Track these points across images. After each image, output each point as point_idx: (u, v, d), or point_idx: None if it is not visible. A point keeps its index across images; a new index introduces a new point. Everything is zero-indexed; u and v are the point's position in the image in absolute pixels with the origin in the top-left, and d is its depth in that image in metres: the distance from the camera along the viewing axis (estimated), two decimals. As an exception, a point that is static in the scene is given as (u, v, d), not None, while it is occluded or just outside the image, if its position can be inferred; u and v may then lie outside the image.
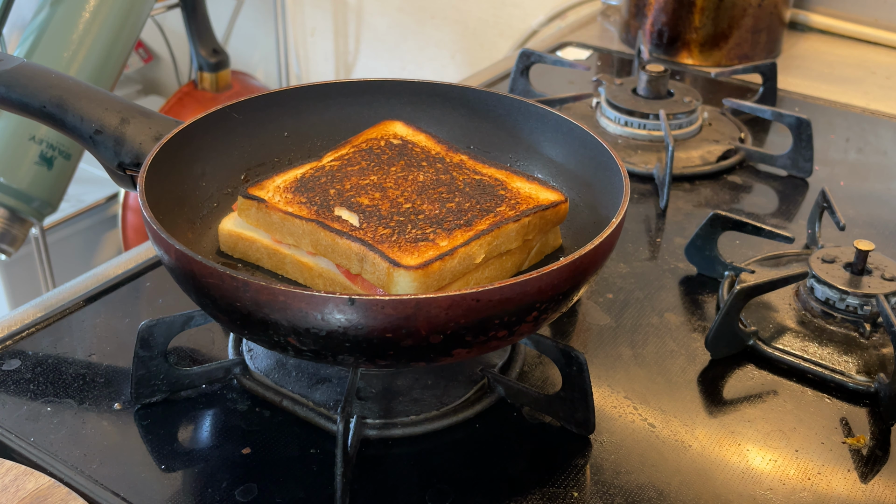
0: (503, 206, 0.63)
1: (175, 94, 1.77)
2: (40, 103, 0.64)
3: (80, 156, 1.23)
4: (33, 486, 0.56)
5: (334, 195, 0.63)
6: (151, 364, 0.61)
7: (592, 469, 0.58)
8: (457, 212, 0.62)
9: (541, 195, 0.65)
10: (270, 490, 0.56)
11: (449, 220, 0.61)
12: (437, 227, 0.60)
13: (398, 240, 0.59)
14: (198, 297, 0.55)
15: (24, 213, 1.21)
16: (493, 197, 0.64)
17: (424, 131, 0.72)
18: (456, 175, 0.66)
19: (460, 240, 0.59)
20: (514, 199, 0.64)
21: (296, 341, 0.52)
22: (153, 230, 0.54)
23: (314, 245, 0.61)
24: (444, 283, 0.58)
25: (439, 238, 0.59)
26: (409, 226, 0.60)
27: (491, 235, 0.60)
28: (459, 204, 0.63)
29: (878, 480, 0.59)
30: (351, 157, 0.68)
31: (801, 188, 0.93)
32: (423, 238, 0.59)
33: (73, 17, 1.17)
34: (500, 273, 0.63)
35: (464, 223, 0.61)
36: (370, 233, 0.60)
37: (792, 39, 1.33)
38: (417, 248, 0.58)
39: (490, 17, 1.68)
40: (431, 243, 0.59)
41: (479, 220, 0.62)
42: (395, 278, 0.57)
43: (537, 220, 0.63)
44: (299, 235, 0.62)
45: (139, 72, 2.12)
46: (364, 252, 0.58)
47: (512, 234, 0.62)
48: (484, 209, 0.63)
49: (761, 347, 0.68)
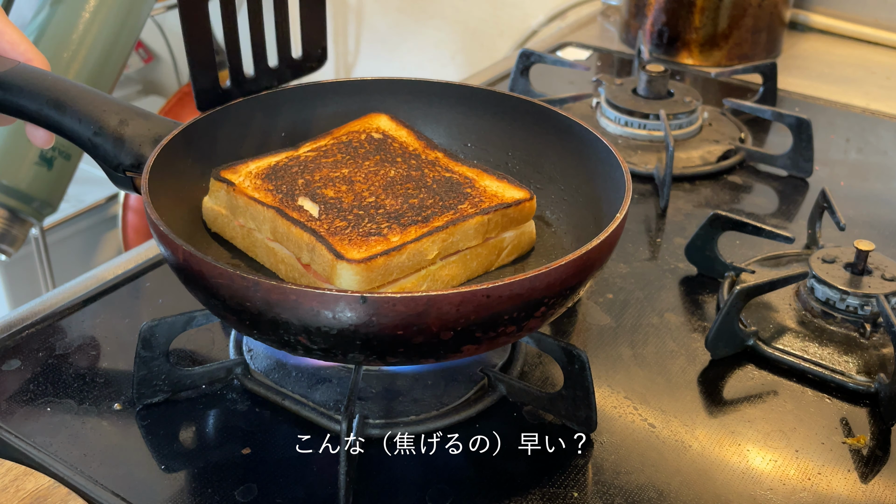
0: (465, 203, 0.64)
1: (175, 94, 1.77)
2: (38, 106, 0.64)
3: (80, 156, 1.23)
4: (33, 487, 0.56)
5: (301, 185, 0.65)
6: (153, 364, 0.61)
7: (592, 469, 0.58)
8: (418, 208, 0.63)
9: (506, 193, 0.65)
10: (270, 490, 0.56)
11: (407, 216, 0.62)
12: (394, 223, 0.61)
13: (350, 233, 0.60)
14: (206, 298, 0.55)
15: (24, 214, 1.21)
16: (458, 195, 0.65)
17: (408, 127, 0.72)
18: (427, 172, 0.67)
19: (412, 235, 0.60)
20: (479, 196, 0.65)
21: (306, 340, 0.52)
22: (160, 231, 0.54)
23: (272, 232, 0.62)
24: (390, 279, 0.59)
25: (392, 233, 0.60)
26: (367, 220, 0.61)
27: (446, 232, 0.61)
28: (423, 200, 0.64)
29: (878, 480, 0.59)
30: (328, 148, 0.70)
31: (802, 188, 0.93)
32: (375, 232, 0.60)
33: (73, 18, 1.17)
34: (465, 272, 0.63)
35: (421, 219, 0.62)
36: (326, 224, 0.61)
37: (792, 39, 1.33)
38: (367, 242, 0.59)
39: (490, 17, 1.68)
40: (383, 238, 0.60)
41: (437, 216, 0.62)
42: (338, 270, 0.57)
43: (499, 218, 0.64)
44: (260, 221, 0.63)
45: (139, 72, 2.12)
46: (314, 243, 0.59)
47: (470, 231, 0.62)
48: (445, 206, 0.63)
49: (761, 347, 0.68)
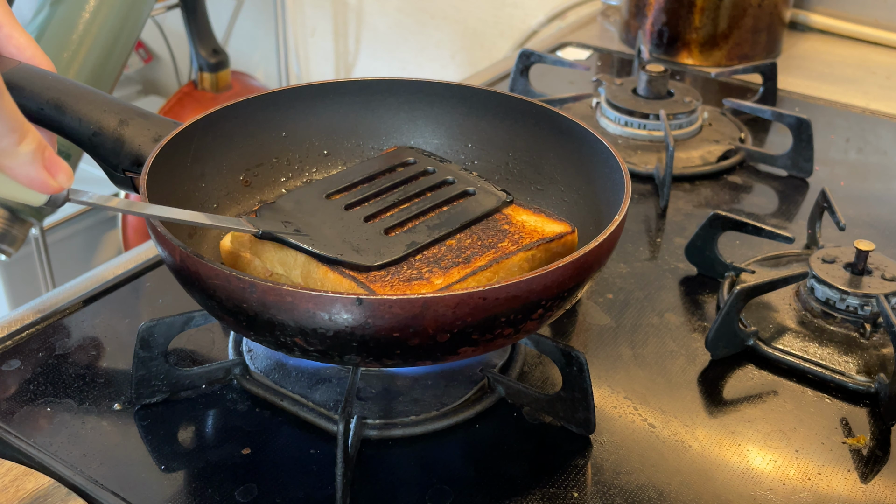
0: (506, 240, 0.62)
1: (175, 94, 1.77)
2: (38, 106, 0.64)
3: (80, 156, 1.23)
4: (33, 487, 0.56)
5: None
6: (152, 364, 0.61)
7: (592, 469, 0.58)
8: (456, 249, 0.61)
9: (546, 227, 0.63)
10: (270, 490, 0.56)
11: (447, 258, 0.60)
12: (434, 266, 0.59)
13: (391, 279, 0.58)
14: (203, 299, 0.55)
15: (24, 214, 1.21)
16: (496, 232, 0.63)
17: (436, 157, 0.71)
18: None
19: (456, 277, 0.58)
20: (518, 232, 0.63)
21: (302, 341, 0.52)
22: (157, 232, 0.54)
23: (304, 277, 0.60)
24: None
25: (434, 276, 0.58)
26: (405, 266, 0.59)
27: (490, 271, 0.59)
28: (460, 241, 0.62)
29: (878, 480, 0.58)
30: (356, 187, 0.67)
31: (801, 188, 0.93)
32: (417, 277, 0.58)
33: (73, 18, 1.17)
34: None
35: (462, 260, 0.60)
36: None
37: (792, 39, 1.33)
38: (410, 287, 0.57)
39: (490, 17, 1.68)
40: (426, 282, 0.58)
41: (478, 256, 0.60)
42: None
43: (542, 254, 0.62)
44: (290, 266, 0.60)
45: (139, 72, 2.12)
46: (354, 289, 0.57)
47: (514, 269, 0.60)
48: (485, 245, 0.61)
49: (761, 347, 0.68)
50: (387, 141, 0.75)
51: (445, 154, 0.75)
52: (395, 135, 0.75)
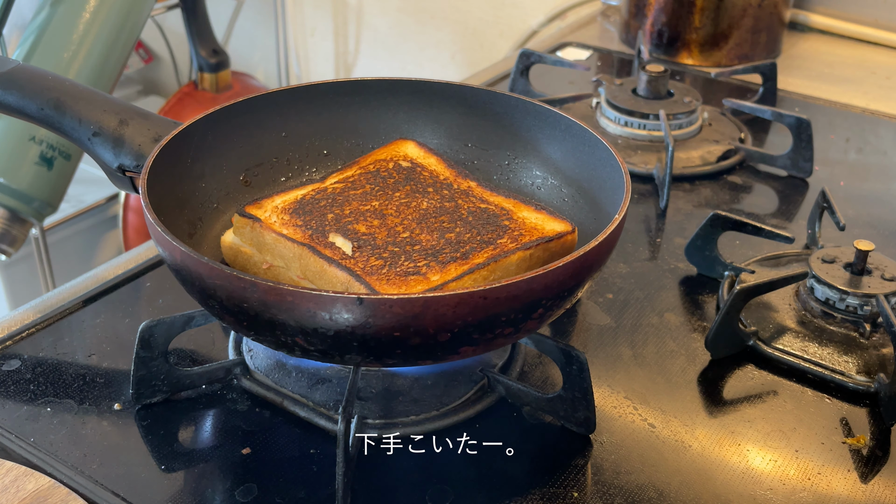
0: (505, 237, 0.61)
1: (175, 94, 1.77)
2: (38, 106, 0.64)
3: (80, 156, 1.23)
4: (33, 487, 0.56)
5: (332, 220, 0.62)
6: (152, 364, 0.61)
7: (592, 469, 0.58)
8: (455, 243, 0.60)
9: (546, 226, 0.63)
10: (270, 490, 0.56)
11: (445, 253, 0.59)
12: (432, 260, 0.59)
13: (388, 272, 0.57)
14: (203, 299, 0.55)
15: (25, 214, 1.21)
16: (496, 228, 0.62)
17: (437, 154, 0.71)
18: (461, 203, 0.64)
19: (452, 274, 0.58)
20: (518, 229, 0.62)
21: (303, 341, 0.52)
22: (157, 232, 0.54)
23: (303, 270, 0.60)
24: None
25: (431, 272, 0.58)
26: (403, 257, 0.59)
27: (487, 270, 0.58)
28: (459, 235, 0.61)
29: (878, 480, 0.59)
30: (356, 179, 0.67)
31: (801, 188, 0.93)
32: (414, 271, 0.57)
33: (73, 18, 1.17)
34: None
35: (460, 256, 0.59)
36: (361, 263, 0.58)
37: (792, 39, 1.33)
38: (406, 282, 0.57)
39: (490, 18, 1.68)
40: (422, 277, 0.57)
41: (476, 252, 0.60)
42: None
43: (541, 253, 0.61)
44: (289, 259, 0.60)
45: (139, 72, 2.12)
46: (350, 282, 0.57)
47: (511, 268, 0.60)
48: (484, 241, 0.61)
49: (761, 347, 0.68)
50: (387, 141, 0.75)
51: (445, 154, 0.75)
52: (395, 135, 0.75)
